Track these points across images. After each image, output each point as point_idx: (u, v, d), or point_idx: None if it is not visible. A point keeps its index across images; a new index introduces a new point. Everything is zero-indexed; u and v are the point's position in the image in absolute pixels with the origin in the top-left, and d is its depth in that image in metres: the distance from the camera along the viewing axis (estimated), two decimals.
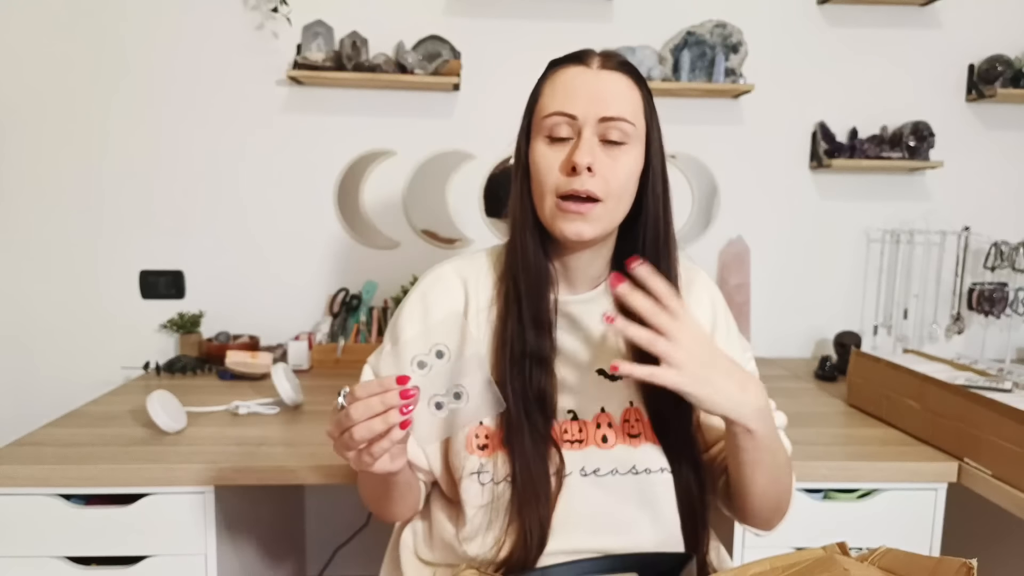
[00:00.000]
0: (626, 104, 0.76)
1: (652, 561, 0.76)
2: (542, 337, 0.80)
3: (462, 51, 1.85)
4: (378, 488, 0.80)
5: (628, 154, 0.77)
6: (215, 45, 1.83)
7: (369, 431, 0.61)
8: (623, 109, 0.76)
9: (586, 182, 0.74)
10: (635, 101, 0.78)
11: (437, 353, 0.67)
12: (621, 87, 0.77)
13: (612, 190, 0.76)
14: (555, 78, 0.79)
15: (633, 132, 0.77)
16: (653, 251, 0.81)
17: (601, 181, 0.75)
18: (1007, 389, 1.22)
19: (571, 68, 0.78)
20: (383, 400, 0.61)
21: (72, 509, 1.14)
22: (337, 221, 1.91)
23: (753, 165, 1.95)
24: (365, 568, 1.11)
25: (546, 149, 0.77)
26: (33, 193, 1.84)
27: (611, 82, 0.77)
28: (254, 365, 1.65)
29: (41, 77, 1.81)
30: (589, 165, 0.74)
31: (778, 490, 0.78)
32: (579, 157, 0.74)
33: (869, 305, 2.01)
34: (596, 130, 0.76)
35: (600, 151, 0.76)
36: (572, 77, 0.77)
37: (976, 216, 1.97)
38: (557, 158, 0.77)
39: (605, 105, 0.75)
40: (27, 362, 1.90)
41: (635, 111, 0.77)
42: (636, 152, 0.78)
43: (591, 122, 0.75)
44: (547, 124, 0.77)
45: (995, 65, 1.87)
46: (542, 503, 0.76)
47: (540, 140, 0.78)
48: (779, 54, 1.91)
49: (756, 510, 0.79)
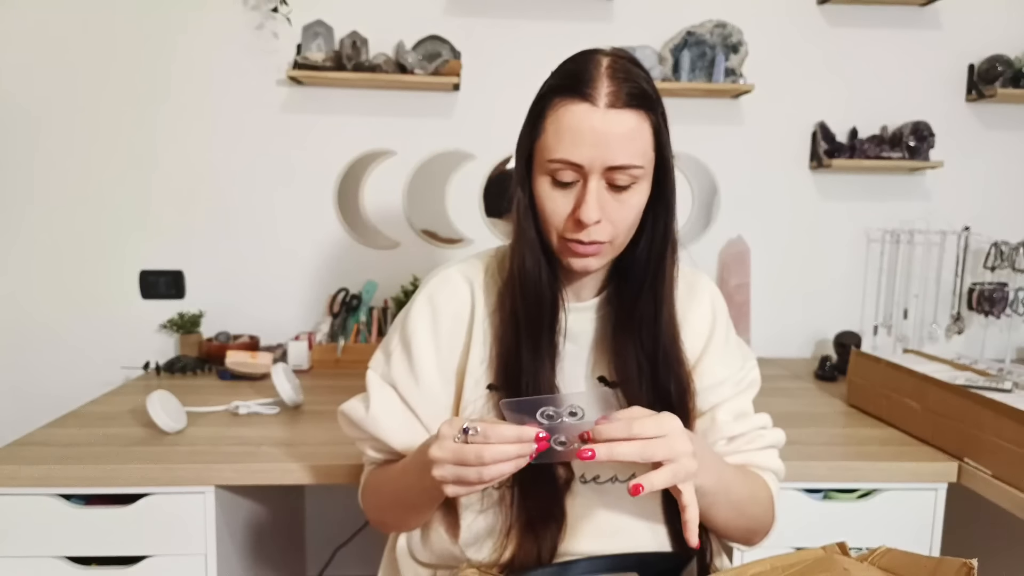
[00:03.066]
0: (635, 148, 0.72)
1: (652, 561, 0.77)
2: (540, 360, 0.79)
3: (462, 51, 1.85)
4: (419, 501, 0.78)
5: (636, 194, 0.75)
6: (215, 45, 1.83)
7: (499, 473, 0.63)
8: (631, 155, 0.71)
9: (592, 233, 0.73)
10: (645, 140, 0.73)
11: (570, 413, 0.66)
12: (630, 128, 0.71)
13: (619, 231, 0.75)
14: (559, 117, 0.72)
15: (642, 173, 0.74)
16: (658, 259, 0.79)
17: (608, 227, 0.74)
18: (1007, 389, 1.22)
19: (576, 106, 0.71)
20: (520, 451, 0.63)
21: (72, 509, 1.14)
22: (337, 221, 1.91)
23: (753, 165, 1.95)
24: (365, 568, 1.11)
25: (551, 191, 0.74)
26: (33, 193, 1.84)
27: (619, 124, 0.70)
28: (254, 365, 1.65)
29: (40, 77, 1.81)
30: (597, 220, 0.72)
31: (746, 520, 0.79)
32: (584, 215, 0.72)
33: (869, 305, 2.01)
34: (603, 176, 0.72)
35: (607, 196, 0.73)
36: (578, 120, 0.71)
37: (976, 216, 1.97)
38: (563, 203, 0.74)
39: (613, 153, 0.71)
40: (27, 362, 1.90)
41: (644, 151, 0.73)
42: (645, 186, 0.75)
43: (597, 170, 0.72)
44: (551, 168, 0.73)
45: (995, 65, 1.87)
46: (555, 515, 0.77)
47: (544, 179, 0.75)
48: (779, 54, 1.91)
49: (727, 537, 0.83)
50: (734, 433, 0.83)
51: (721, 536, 0.83)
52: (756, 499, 0.81)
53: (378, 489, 0.85)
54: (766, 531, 0.84)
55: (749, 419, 0.85)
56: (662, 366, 0.79)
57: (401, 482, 0.80)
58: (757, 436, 0.84)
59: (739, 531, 0.80)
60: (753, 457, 0.84)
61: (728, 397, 0.84)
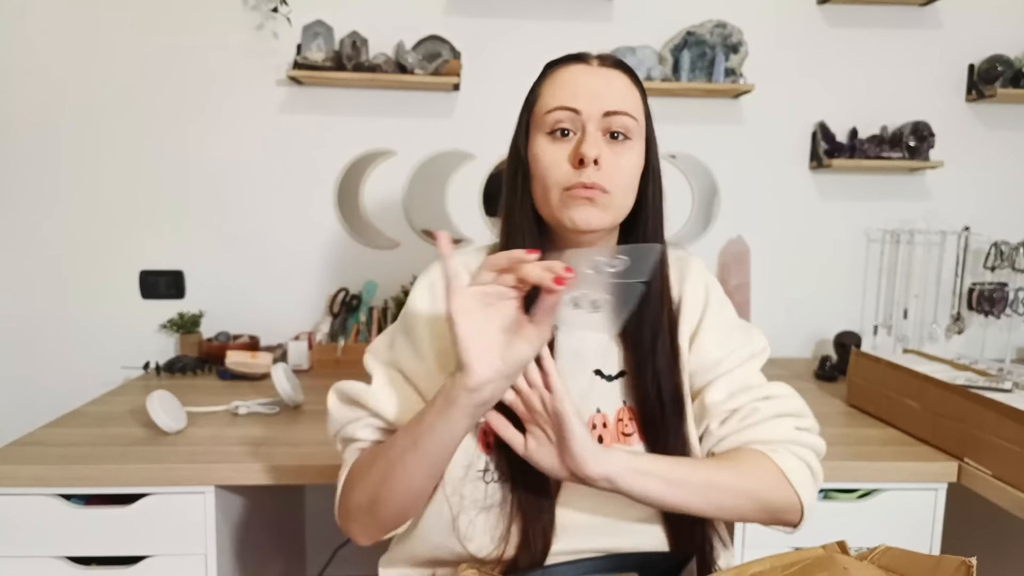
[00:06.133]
0: (628, 99, 0.78)
1: (652, 561, 0.76)
2: None
3: (462, 51, 1.85)
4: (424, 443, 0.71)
5: (631, 151, 0.78)
6: (215, 45, 1.83)
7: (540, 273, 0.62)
8: (626, 103, 0.77)
9: (593, 175, 0.75)
10: (635, 98, 0.79)
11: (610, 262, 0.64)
12: (622, 83, 0.78)
13: (617, 184, 0.77)
14: (555, 76, 0.79)
15: (635, 128, 0.78)
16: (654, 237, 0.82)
17: (607, 175, 0.75)
18: (1007, 389, 1.22)
19: (571, 66, 0.79)
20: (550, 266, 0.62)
21: (72, 509, 1.14)
22: (337, 221, 1.91)
23: (753, 165, 1.95)
24: (365, 568, 1.11)
25: (549, 145, 0.77)
26: (33, 194, 1.84)
27: (612, 78, 0.78)
28: (254, 365, 1.65)
29: (40, 78, 1.81)
30: (596, 158, 0.74)
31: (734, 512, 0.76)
32: (586, 149, 0.74)
33: (869, 305, 2.01)
34: (600, 124, 0.76)
35: (605, 147, 0.76)
36: (573, 74, 0.78)
37: (976, 216, 1.97)
38: (561, 153, 0.77)
39: (608, 100, 0.76)
40: (27, 362, 1.90)
41: (636, 106, 0.79)
42: (638, 149, 0.79)
43: (595, 116, 0.76)
44: (549, 120, 0.77)
45: (995, 65, 1.87)
46: (545, 510, 0.77)
47: (541, 137, 0.78)
48: (779, 54, 1.91)
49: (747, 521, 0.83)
50: (725, 413, 0.80)
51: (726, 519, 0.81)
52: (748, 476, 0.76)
53: (372, 463, 0.77)
54: (792, 507, 0.78)
55: (750, 391, 0.81)
56: (660, 356, 0.79)
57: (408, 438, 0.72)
58: (753, 411, 0.80)
59: (749, 512, 0.77)
60: (746, 435, 0.79)
61: (722, 373, 0.82)
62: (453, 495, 0.79)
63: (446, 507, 0.79)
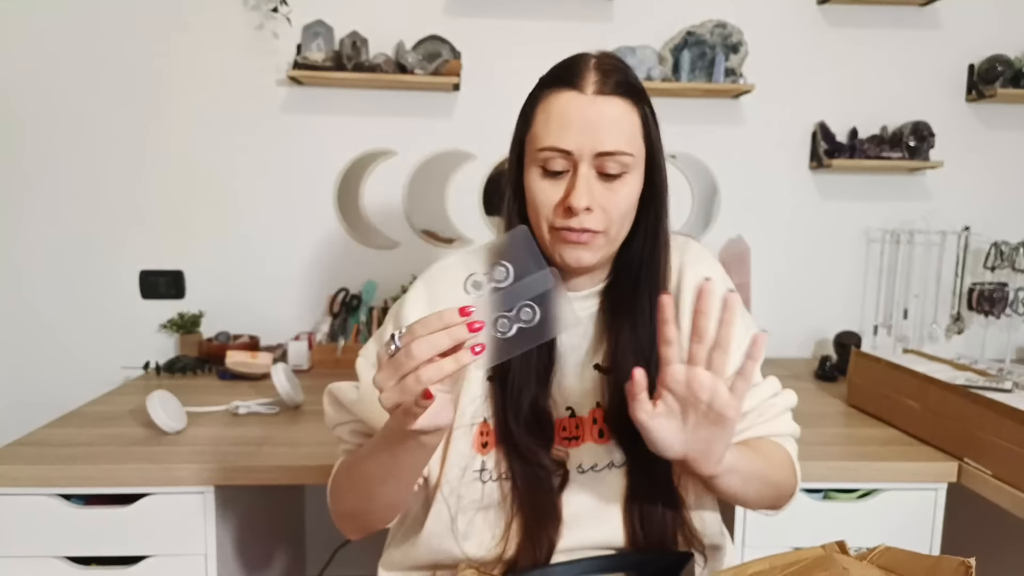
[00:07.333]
0: (623, 134, 0.73)
1: (652, 560, 0.77)
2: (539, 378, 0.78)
3: (462, 51, 1.85)
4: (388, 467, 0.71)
5: (627, 184, 0.75)
6: (215, 45, 1.83)
7: (439, 372, 0.55)
8: (620, 141, 0.72)
9: (584, 221, 0.73)
10: (633, 127, 0.74)
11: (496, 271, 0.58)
12: (618, 114, 0.73)
13: (612, 220, 0.75)
14: (548, 105, 0.74)
15: (632, 162, 0.74)
16: (651, 252, 0.80)
17: (600, 215, 0.74)
18: (1007, 389, 1.22)
19: (564, 94, 0.73)
20: (451, 335, 0.55)
21: (72, 509, 1.14)
22: (337, 221, 1.91)
23: (753, 165, 1.95)
24: (365, 568, 1.11)
25: (541, 181, 0.75)
26: (33, 194, 1.84)
27: (607, 110, 0.72)
28: (254, 365, 1.65)
29: (40, 78, 1.81)
30: (587, 206, 0.72)
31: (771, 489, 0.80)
32: (575, 201, 0.72)
33: (869, 305, 2.01)
34: (593, 163, 0.73)
35: (598, 184, 0.73)
36: (565, 105, 0.73)
37: (976, 216, 1.97)
38: (553, 192, 0.74)
39: (601, 139, 0.72)
40: (27, 362, 1.90)
41: (633, 138, 0.74)
42: (636, 177, 0.76)
43: (587, 157, 0.72)
44: (541, 157, 0.74)
45: (995, 65, 1.87)
46: (549, 512, 0.76)
47: (535, 169, 0.75)
48: (779, 54, 1.91)
49: (756, 508, 0.83)
50: (746, 408, 0.81)
51: (750, 508, 0.84)
52: (777, 467, 0.81)
53: (350, 467, 0.78)
54: (791, 495, 0.84)
55: (759, 389, 0.83)
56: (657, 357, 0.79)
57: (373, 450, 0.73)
58: (769, 407, 0.83)
59: (768, 500, 0.81)
60: (768, 427, 0.84)
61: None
62: (451, 496, 0.79)
63: (445, 508, 0.79)
